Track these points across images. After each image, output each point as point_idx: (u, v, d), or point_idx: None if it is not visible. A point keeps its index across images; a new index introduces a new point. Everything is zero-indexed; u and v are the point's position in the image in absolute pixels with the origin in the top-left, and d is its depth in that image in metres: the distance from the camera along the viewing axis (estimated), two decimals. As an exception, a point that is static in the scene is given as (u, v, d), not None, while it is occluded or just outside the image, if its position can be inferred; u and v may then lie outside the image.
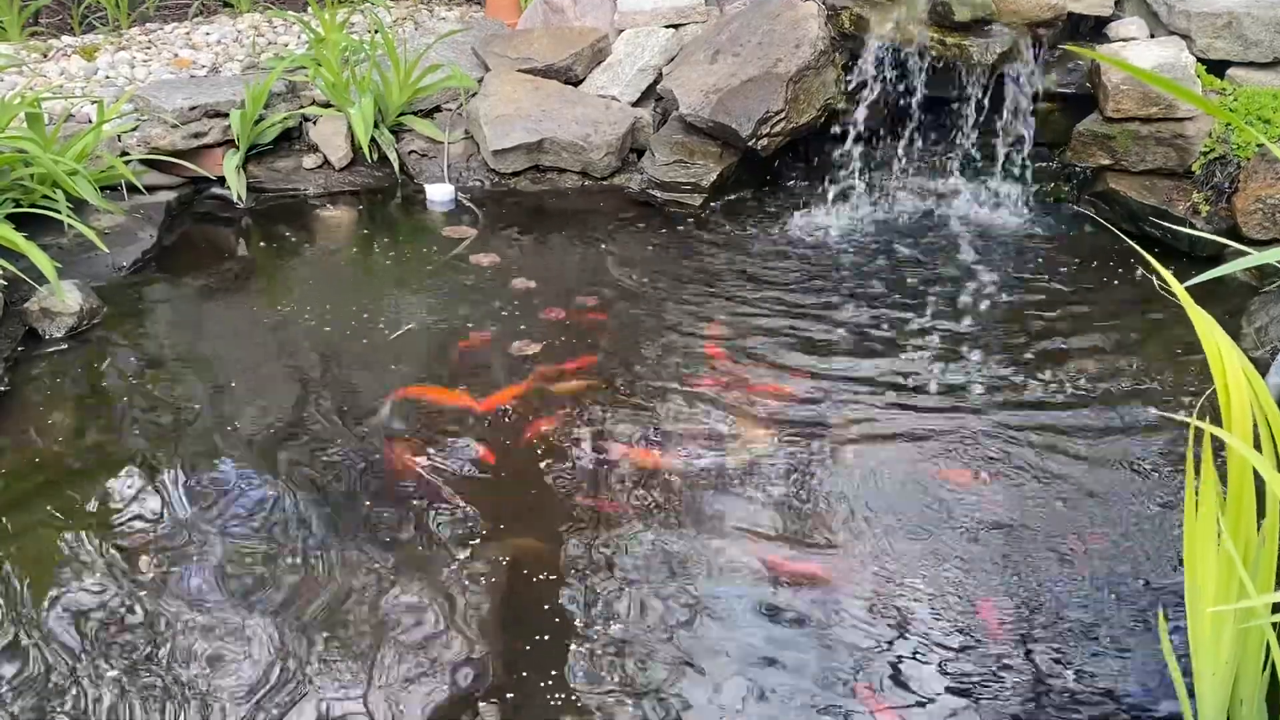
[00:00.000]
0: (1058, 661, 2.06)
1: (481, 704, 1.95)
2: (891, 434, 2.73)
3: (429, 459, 2.62)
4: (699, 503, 2.48)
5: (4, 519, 2.43)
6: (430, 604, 2.18)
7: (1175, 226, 3.55)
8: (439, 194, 4.06)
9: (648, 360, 3.04)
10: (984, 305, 3.35)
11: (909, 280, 3.51)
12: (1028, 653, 2.08)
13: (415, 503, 2.48)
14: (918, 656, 2.06)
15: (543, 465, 2.60)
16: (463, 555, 2.31)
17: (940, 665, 2.04)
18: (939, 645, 2.09)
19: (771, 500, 2.49)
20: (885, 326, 3.22)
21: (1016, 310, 3.33)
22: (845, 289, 3.46)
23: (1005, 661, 2.05)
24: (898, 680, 2.01)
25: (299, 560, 2.31)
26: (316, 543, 2.36)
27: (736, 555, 2.31)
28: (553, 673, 2.02)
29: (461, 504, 2.46)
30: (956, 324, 3.23)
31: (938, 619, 2.15)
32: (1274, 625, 1.62)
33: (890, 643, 2.09)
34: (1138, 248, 2.18)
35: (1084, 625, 2.13)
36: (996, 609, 2.17)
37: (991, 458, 2.63)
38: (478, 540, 2.36)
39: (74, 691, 1.98)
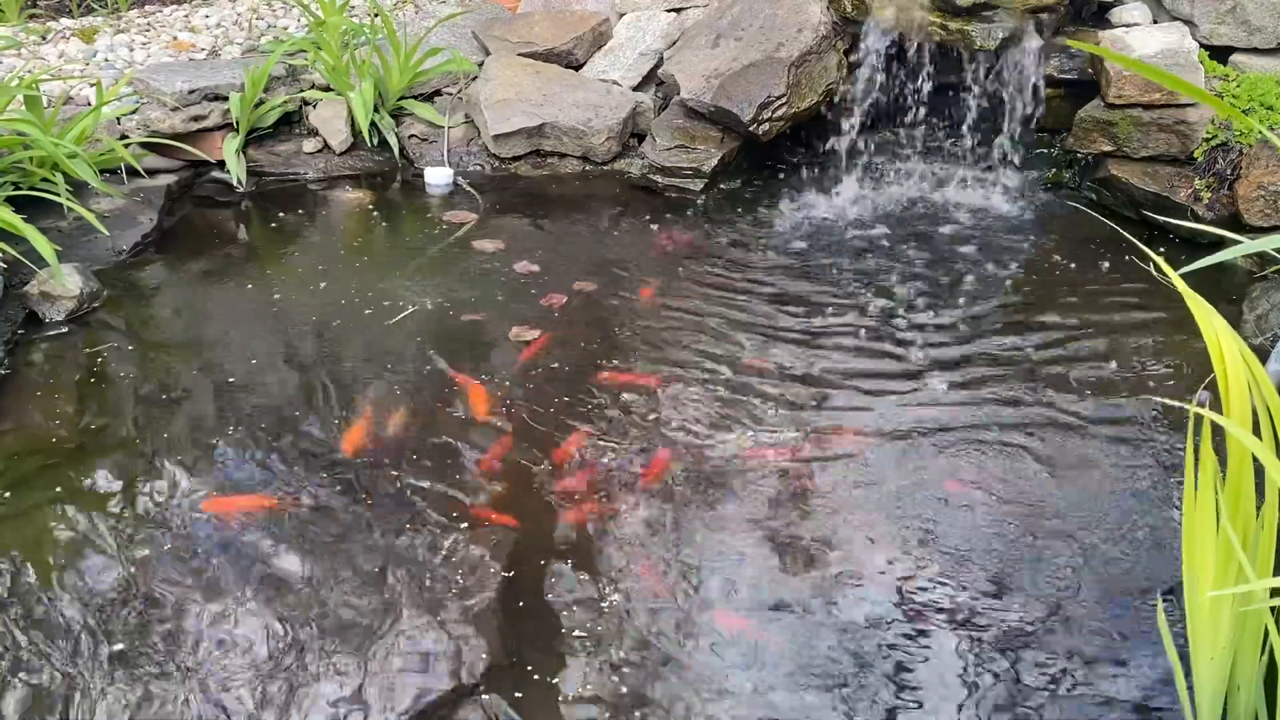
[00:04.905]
0: (1052, 646, 2.07)
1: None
2: (884, 420, 2.74)
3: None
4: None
5: (4, 500, 2.44)
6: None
7: (1178, 220, 3.54)
8: (437, 178, 4.05)
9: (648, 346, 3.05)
10: (982, 289, 3.34)
11: (907, 264, 3.50)
12: (1023, 642, 2.09)
13: (412, 481, 2.49)
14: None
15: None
16: (451, 538, 2.33)
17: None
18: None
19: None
20: (881, 310, 3.22)
21: (1015, 295, 3.32)
22: (844, 273, 3.45)
23: (1002, 650, 2.07)
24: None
25: (292, 541, 2.32)
26: (309, 524, 2.37)
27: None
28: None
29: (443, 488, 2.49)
30: (954, 308, 3.23)
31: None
32: (1272, 610, 1.63)
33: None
34: (1132, 238, 2.18)
35: (1082, 609, 2.14)
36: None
37: (987, 440, 2.64)
38: (466, 525, 2.38)
39: (74, 671, 1.99)
